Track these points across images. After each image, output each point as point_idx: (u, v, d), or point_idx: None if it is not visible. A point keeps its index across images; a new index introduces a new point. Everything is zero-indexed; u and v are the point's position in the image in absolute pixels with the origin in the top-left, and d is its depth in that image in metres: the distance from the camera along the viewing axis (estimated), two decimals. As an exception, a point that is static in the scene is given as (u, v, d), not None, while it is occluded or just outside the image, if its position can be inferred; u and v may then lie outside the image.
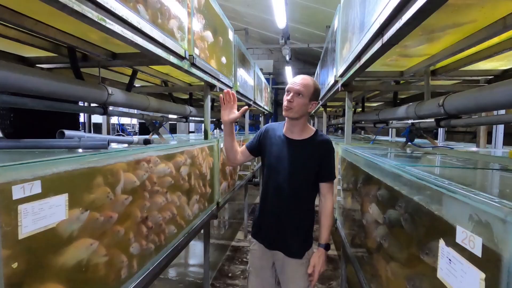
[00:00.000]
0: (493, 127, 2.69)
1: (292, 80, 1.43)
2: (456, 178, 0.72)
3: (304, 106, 1.39)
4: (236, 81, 2.83)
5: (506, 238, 0.44)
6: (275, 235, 1.46)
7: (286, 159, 1.43)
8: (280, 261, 1.47)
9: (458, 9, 1.05)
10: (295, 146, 1.44)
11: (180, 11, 1.40)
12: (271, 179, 1.46)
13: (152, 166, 1.21)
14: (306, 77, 1.42)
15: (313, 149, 1.42)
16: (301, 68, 8.97)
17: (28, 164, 0.66)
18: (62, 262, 0.75)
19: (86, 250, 0.83)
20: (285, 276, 1.47)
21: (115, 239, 0.97)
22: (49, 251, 0.72)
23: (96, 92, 1.38)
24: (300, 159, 1.42)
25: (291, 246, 1.44)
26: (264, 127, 1.59)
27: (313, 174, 1.42)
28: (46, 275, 0.72)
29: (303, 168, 1.42)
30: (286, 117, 1.43)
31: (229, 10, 6.01)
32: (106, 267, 0.92)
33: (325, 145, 1.44)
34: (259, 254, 1.51)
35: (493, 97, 1.05)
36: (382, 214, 1.04)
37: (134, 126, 9.62)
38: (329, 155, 1.44)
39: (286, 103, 1.39)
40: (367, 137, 3.81)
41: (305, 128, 1.47)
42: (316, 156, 1.41)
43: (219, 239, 4.16)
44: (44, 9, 1.00)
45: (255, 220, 1.57)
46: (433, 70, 1.94)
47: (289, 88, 1.40)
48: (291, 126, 1.46)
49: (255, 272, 1.54)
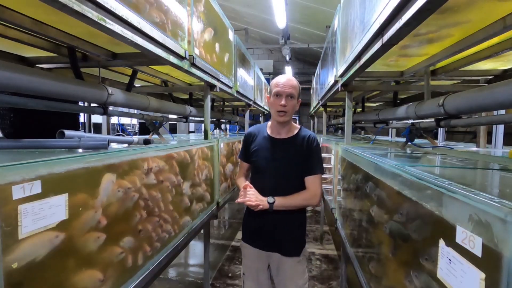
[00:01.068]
0: (493, 127, 2.68)
1: (278, 82, 1.39)
2: (456, 178, 0.72)
3: (295, 106, 1.42)
4: (236, 81, 2.83)
5: (506, 238, 0.44)
6: (270, 237, 1.45)
7: (274, 159, 1.44)
8: (276, 263, 1.46)
9: (458, 9, 1.05)
10: (282, 145, 1.45)
11: (180, 11, 1.40)
12: (261, 181, 1.46)
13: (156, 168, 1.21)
14: (291, 77, 1.44)
15: (299, 145, 1.44)
16: (301, 68, 8.97)
17: (28, 164, 0.66)
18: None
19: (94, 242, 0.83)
20: (282, 276, 1.46)
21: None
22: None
23: (96, 92, 1.38)
24: (287, 158, 1.43)
25: (287, 246, 1.44)
26: (247, 132, 1.59)
27: (302, 170, 1.43)
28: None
29: (292, 165, 1.42)
30: (281, 122, 1.42)
31: (229, 10, 6.02)
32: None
33: (310, 140, 1.45)
34: (254, 257, 1.50)
35: (493, 97, 1.05)
36: (382, 214, 1.04)
37: (134, 126, 9.62)
38: (313, 150, 1.44)
39: (280, 108, 1.37)
40: (367, 137, 3.80)
41: (291, 127, 1.49)
42: (302, 152, 1.43)
43: (219, 239, 4.16)
44: (44, 9, 1.00)
45: (244, 224, 1.55)
46: (433, 70, 1.93)
47: (280, 91, 1.37)
48: (280, 128, 1.46)
49: (251, 276, 1.52)
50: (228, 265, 3.31)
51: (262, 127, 1.56)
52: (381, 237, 1.06)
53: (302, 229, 1.50)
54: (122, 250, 0.99)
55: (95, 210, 0.86)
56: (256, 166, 1.50)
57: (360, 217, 1.39)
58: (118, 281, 0.97)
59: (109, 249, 0.93)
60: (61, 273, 0.75)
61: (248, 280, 1.53)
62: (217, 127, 3.83)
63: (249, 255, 1.53)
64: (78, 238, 0.80)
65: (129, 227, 1.05)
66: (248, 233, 1.54)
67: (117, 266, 0.97)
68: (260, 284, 1.52)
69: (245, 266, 1.55)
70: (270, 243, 1.46)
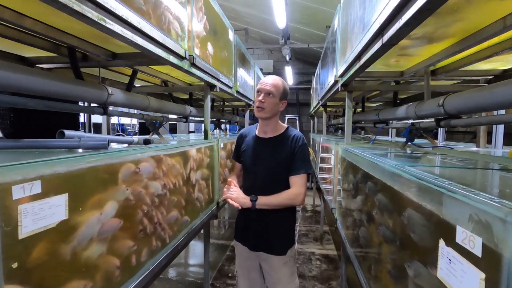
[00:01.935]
0: (493, 127, 2.68)
1: (262, 80, 1.47)
2: (456, 178, 0.72)
3: (275, 105, 1.45)
4: (236, 81, 2.83)
5: (506, 238, 0.44)
6: (257, 236, 1.47)
7: (260, 158, 1.47)
8: (265, 262, 1.48)
9: (458, 9, 1.05)
10: (267, 144, 1.48)
11: (180, 11, 1.40)
12: (249, 180, 1.50)
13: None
14: (275, 77, 1.48)
15: (285, 144, 1.46)
16: (301, 68, 8.95)
17: (28, 164, 0.66)
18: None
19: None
20: (271, 278, 1.48)
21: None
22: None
23: (96, 92, 1.38)
24: (272, 156, 1.45)
25: (273, 244, 1.46)
26: (239, 133, 1.64)
27: (287, 169, 1.44)
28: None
29: (277, 164, 1.44)
30: (258, 117, 1.47)
31: (229, 10, 6.01)
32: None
33: (296, 139, 1.46)
34: (245, 256, 1.53)
35: (493, 97, 1.05)
36: (382, 214, 1.04)
37: (134, 126, 9.62)
38: (299, 149, 1.45)
39: (257, 103, 1.43)
40: (367, 137, 3.80)
41: (277, 127, 1.51)
42: (288, 152, 1.44)
43: (219, 239, 4.17)
44: (44, 9, 1.00)
45: (236, 222, 1.59)
46: (433, 70, 1.93)
47: (260, 89, 1.44)
48: (264, 126, 1.51)
49: (243, 274, 1.56)
50: (228, 265, 3.31)
51: (253, 128, 1.61)
52: (381, 237, 1.06)
53: (290, 229, 1.51)
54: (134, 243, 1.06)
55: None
56: (244, 165, 1.55)
57: (360, 217, 1.39)
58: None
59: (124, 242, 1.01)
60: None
61: (241, 278, 1.57)
62: (217, 127, 3.83)
63: (240, 254, 1.56)
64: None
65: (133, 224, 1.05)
66: (239, 232, 1.57)
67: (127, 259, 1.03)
68: (252, 282, 1.54)
69: (238, 264, 1.60)
70: (258, 242, 1.48)
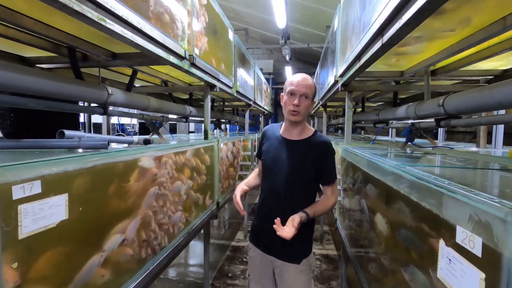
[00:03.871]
0: (493, 127, 2.68)
1: (293, 80, 1.34)
2: (456, 178, 0.72)
3: (309, 107, 1.36)
4: (236, 81, 2.83)
5: (506, 238, 0.44)
6: (272, 240, 1.35)
7: (282, 160, 1.38)
8: (279, 269, 1.40)
9: (458, 9, 1.05)
10: (292, 147, 1.39)
11: (180, 11, 1.40)
12: (268, 181, 1.42)
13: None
14: (307, 76, 1.36)
15: (311, 149, 1.37)
16: (301, 68, 8.96)
17: (28, 164, 0.66)
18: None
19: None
20: (284, 285, 1.40)
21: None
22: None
23: (96, 92, 1.38)
24: (296, 160, 1.37)
25: (288, 250, 1.36)
26: (264, 129, 1.54)
27: (310, 175, 1.36)
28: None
29: (300, 168, 1.36)
30: (293, 121, 1.37)
31: (229, 10, 6.02)
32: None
33: (324, 146, 1.38)
34: (258, 261, 1.45)
35: (493, 97, 1.05)
36: (382, 214, 1.04)
37: (134, 126, 9.63)
38: (329, 157, 1.38)
39: (293, 107, 1.32)
40: (367, 137, 3.80)
41: (304, 129, 1.42)
42: (314, 157, 1.36)
43: (219, 239, 4.16)
44: (44, 9, 1.00)
45: (253, 223, 1.51)
46: (433, 70, 1.93)
47: (294, 90, 1.32)
48: (292, 128, 1.41)
49: (255, 279, 1.48)
50: (228, 265, 3.31)
51: (277, 127, 1.50)
52: (380, 237, 1.06)
53: (307, 235, 1.42)
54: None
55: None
56: (264, 165, 1.46)
57: (360, 217, 1.38)
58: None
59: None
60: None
61: (253, 283, 1.49)
62: (217, 127, 3.83)
63: (253, 257, 1.48)
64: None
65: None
66: (253, 233, 1.50)
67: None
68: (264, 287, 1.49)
69: (250, 268, 1.52)
70: (271, 247, 1.40)
